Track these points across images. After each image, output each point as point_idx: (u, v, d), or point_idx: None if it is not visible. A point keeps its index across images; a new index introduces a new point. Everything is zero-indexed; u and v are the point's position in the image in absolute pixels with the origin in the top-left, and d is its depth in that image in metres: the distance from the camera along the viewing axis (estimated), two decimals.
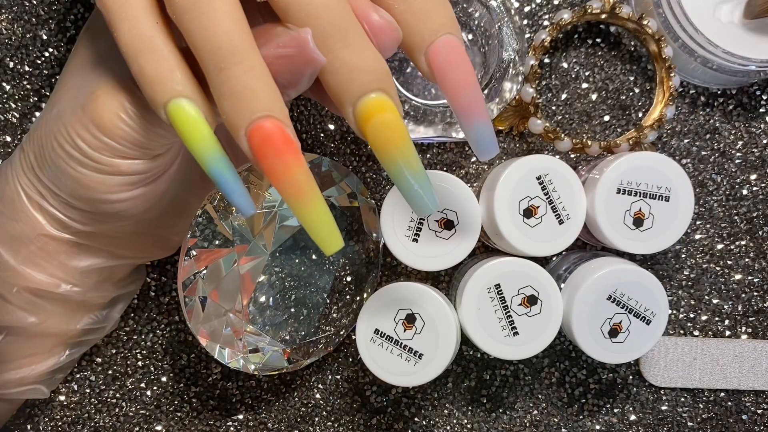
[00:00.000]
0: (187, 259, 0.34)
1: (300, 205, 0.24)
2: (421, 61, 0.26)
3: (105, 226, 0.32)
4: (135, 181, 0.29)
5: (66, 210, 0.31)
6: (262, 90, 0.23)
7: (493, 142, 0.27)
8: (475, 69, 0.26)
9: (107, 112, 0.26)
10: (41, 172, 0.30)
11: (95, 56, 0.29)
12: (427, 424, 0.41)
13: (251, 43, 0.23)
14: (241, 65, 0.23)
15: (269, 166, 0.24)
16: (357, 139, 0.40)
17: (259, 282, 0.36)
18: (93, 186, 0.28)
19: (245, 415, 0.41)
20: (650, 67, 0.40)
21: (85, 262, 0.34)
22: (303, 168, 0.24)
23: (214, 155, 0.24)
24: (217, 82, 0.23)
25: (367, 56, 0.25)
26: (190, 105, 0.24)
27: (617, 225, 0.34)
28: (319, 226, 0.25)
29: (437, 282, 0.40)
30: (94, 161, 0.28)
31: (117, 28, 0.24)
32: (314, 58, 0.24)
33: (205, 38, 0.23)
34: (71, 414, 0.41)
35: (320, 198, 0.25)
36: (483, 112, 0.26)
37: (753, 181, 0.41)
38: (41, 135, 0.30)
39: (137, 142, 0.27)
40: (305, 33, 0.24)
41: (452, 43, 0.25)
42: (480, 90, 0.26)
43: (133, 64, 0.24)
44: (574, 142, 0.38)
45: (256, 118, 0.23)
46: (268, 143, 0.23)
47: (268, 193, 0.35)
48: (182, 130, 0.24)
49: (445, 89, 0.26)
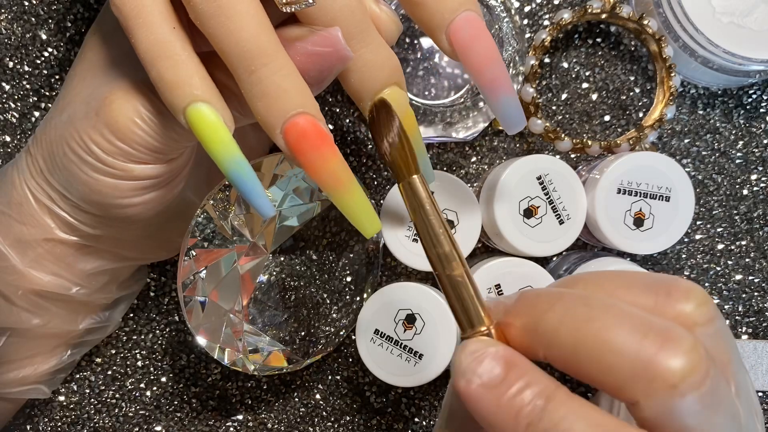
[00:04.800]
0: (186, 259, 0.34)
1: (340, 195, 0.26)
2: (442, 40, 0.27)
3: (114, 229, 0.32)
4: (147, 186, 0.29)
5: (76, 213, 0.31)
6: (292, 88, 0.24)
7: (520, 115, 0.28)
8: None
9: (122, 116, 0.26)
10: (51, 176, 0.30)
11: (106, 60, 0.29)
12: (427, 425, 0.41)
13: (278, 44, 0.24)
14: (270, 66, 0.24)
15: (307, 160, 0.25)
16: (357, 139, 0.40)
17: (259, 282, 0.36)
18: (105, 191, 0.28)
19: (245, 415, 0.41)
20: (650, 67, 0.40)
21: (92, 264, 0.34)
22: (338, 159, 0.25)
23: (234, 158, 0.25)
24: (248, 84, 0.24)
25: (383, 53, 0.26)
26: (209, 109, 0.24)
27: (617, 225, 0.34)
28: (359, 212, 0.27)
29: (437, 282, 0.40)
30: (108, 166, 0.28)
31: (134, 34, 0.24)
32: (346, 55, 0.25)
33: (233, 43, 0.23)
34: (71, 414, 0.41)
35: (357, 185, 0.26)
36: (508, 85, 0.27)
37: (753, 181, 0.41)
38: (51, 139, 0.29)
39: (152, 147, 0.27)
40: (336, 31, 0.25)
41: (473, 20, 0.26)
42: (504, 64, 0.27)
43: (152, 69, 0.24)
44: (574, 142, 0.38)
45: (291, 116, 0.24)
46: (305, 139, 0.24)
47: (269, 193, 0.35)
48: (202, 134, 0.24)
49: (468, 66, 0.27)
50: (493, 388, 0.20)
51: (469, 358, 0.20)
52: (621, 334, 0.19)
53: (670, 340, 0.18)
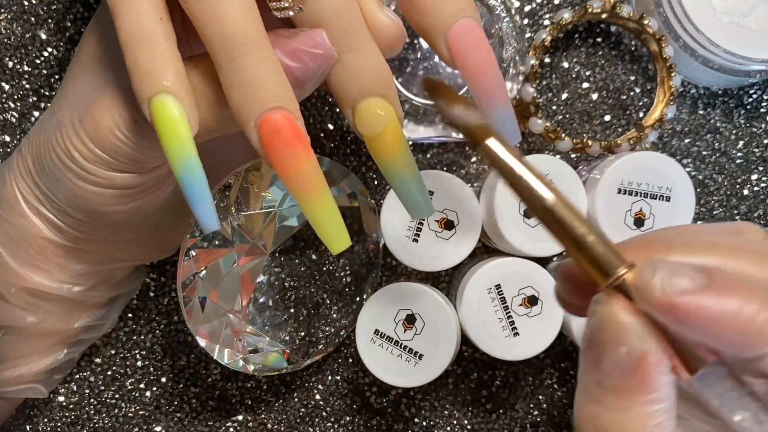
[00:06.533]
0: (186, 260, 0.34)
1: (308, 200, 0.24)
2: (440, 46, 0.26)
3: (103, 233, 0.32)
4: (130, 194, 0.29)
5: (63, 217, 0.31)
6: (273, 81, 0.23)
7: (515, 127, 0.27)
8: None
9: (102, 125, 0.26)
10: (39, 179, 0.30)
11: (97, 63, 0.29)
12: (427, 425, 0.41)
13: (263, 35, 0.23)
14: (252, 55, 0.23)
15: (278, 158, 0.23)
16: (357, 139, 0.40)
17: (259, 282, 0.36)
18: (89, 198, 0.28)
19: (245, 415, 0.41)
20: (651, 67, 0.40)
21: (84, 264, 0.34)
22: (312, 162, 0.24)
23: (186, 158, 0.23)
24: (227, 72, 0.23)
25: (370, 60, 0.25)
26: (174, 103, 0.23)
27: (618, 225, 0.34)
28: (326, 223, 0.25)
29: (437, 282, 0.40)
30: (89, 173, 0.27)
31: (119, 17, 0.23)
32: (329, 55, 0.24)
33: (218, 27, 0.23)
34: (70, 414, 0.41)
35: (328, 194, 0.25)
36: (504, 96, 0.26)
37: (754, 181, 0.41)
38: (40, 142, 0.29)
39: (131, 157, 0.27)
40: (320, 31, 0.24)
41: (471, 27, 0.25)
42: (500, 74, 0.26)
43: (129, 55, 0.23)
44: (574, 142, 0.37)
45: (267, 109, 0.23)
46: (278, 135, 0.23)
47: (268, 193, 0.35)
48: (161, 127, 0.23)
49: (464, 73, 0.26)
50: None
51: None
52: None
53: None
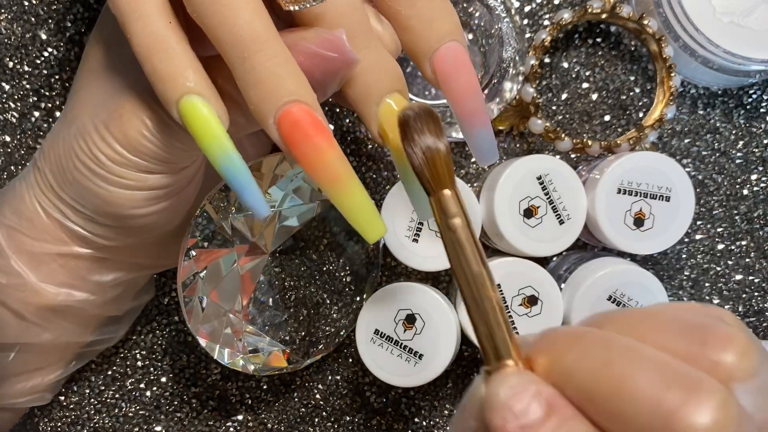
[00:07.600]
0: (186, 259, 0.34)
1: (336, 191, 0.24)
2: (425, 67, 0.26)
3: (129, 239, 0.32)
4: (161, 195, 0.29)
5: (89, 226, 0.31)
6: (287, 75, 0.23)
7: (494, 149, 0.27)
8: (475, 69, 0.26)
9: (131, 130, 0.26)
10: (61, 190, 0.30)
11: (110, 69, 0.29)
12: (427, 425, 0.41)
13: (273, 31, 0.23)
14: (264, 52, 0.23)
15: (301, 152, 0.23)
16: (357, 139, 0.40)
17: (259, 282, 0.36)
18: (119, 202, 0.28)
19: (245, 415, 0.41)
20: (651, 67, 0.40)
21: (108, 276, 0.33)
22: (336, 152, 0.23)
23: (226, 153, 0.24)
24: (241, 72, 0.23)
25: (386, 58, 0.25)
26: (202, 102, 0.23)
27: (618, 225, 0.34)
28: (358, 212, 0.24)
29: (437, 282, 0.40)
30: (120, 177, 0.27)
31: (130, 28, 0.24)
32: (352, 59, 0.24)
33: (228, 30, 0.23)
34: (71, 414, 0.41)
35: (357, 182, 0.24)
36: (485, 119, 0.26)
37: (753, 181, 0.41)
38: (59, 153, 0.29)
39: (162, 158, 0.27)
40: (340, 34, 0.24)
41: (457, 51, 0.26)
42: (483, 98, 0.27)
43: (146, 63, 0.24)
44: (574, 142, 0.37)
45: (284, 104, 0.23)
46: (298, 128, 0.23)
47: (269, 194, 0.35)
48: (194, 127, 0.23)
49: (448, 95, 0.26)
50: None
51: (509, 393, 0.18)
52: (641, 382, 0.17)
53: (696, 394, 0.16)
